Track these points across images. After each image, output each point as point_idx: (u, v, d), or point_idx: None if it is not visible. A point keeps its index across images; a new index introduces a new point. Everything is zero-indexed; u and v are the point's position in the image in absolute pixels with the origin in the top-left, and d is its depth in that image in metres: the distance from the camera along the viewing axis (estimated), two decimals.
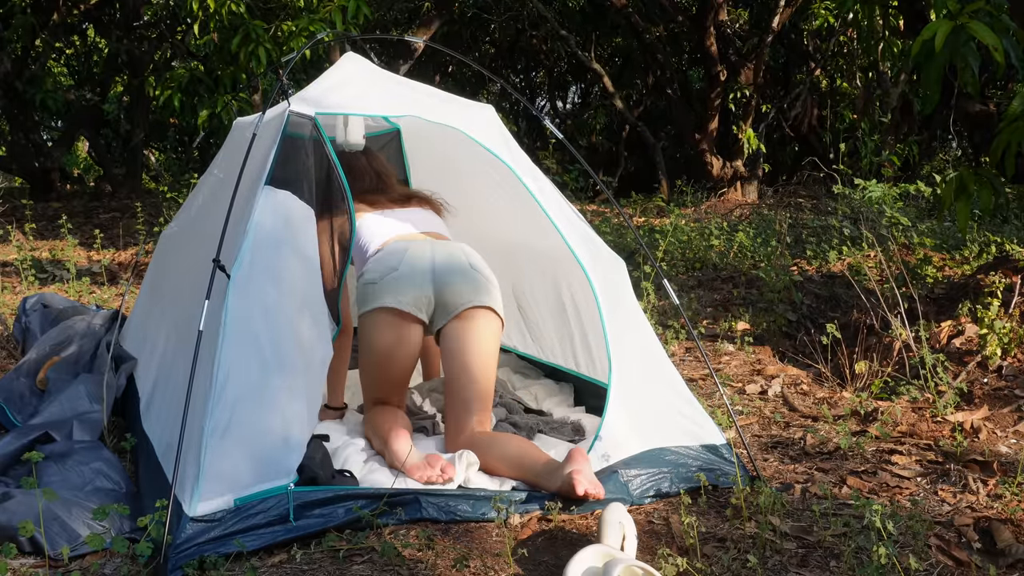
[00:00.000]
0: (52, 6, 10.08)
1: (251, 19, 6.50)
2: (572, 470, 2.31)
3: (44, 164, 10.45)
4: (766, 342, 4.48)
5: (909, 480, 2.62)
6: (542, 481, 2.39)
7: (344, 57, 2.86)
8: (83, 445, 2.62)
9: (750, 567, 2.06)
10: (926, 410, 3.22)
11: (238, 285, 2.26)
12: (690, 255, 6.53)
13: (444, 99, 2.78)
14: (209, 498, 2.11)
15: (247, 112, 7.51)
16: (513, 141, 2.77)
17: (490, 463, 2.50)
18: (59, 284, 5.90)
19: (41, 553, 2.14)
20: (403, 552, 2.12)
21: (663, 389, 2.62)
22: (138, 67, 10.64)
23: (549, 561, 2.13)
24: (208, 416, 2.15)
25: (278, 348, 2.28)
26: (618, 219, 8.21)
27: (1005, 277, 3.89)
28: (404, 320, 2.68)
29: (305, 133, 2.52)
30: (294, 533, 2.17)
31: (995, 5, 3.46)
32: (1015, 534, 2.23)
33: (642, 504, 2.47)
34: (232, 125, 3.15)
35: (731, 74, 10.84)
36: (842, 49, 11.34)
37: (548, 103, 16.44)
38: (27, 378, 3.29)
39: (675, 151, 15.43)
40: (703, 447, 2.57)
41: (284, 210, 2.41)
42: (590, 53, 13.00)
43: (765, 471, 2.72)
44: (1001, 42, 3.26)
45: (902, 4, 5.24)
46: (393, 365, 2.71)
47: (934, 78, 3.43)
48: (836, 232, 6.85)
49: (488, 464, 2.50)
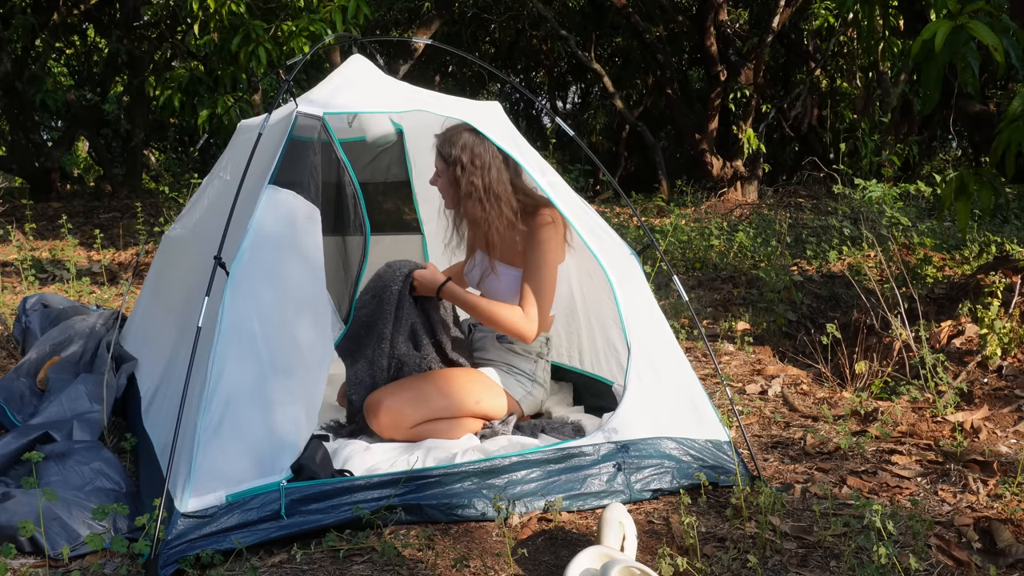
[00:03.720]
0: (52, 6, 10.09)
1: (251, 19, 6.51)
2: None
3: (44, 164, 10.46)
4: (766, 342, 4.48)
5: (909, 480, 2.63)
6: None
7: (350, 59, 2.87)
8: (83, 445, 2.62)
9: (750, 567, 2.06)
10: (926, 410, 3.22)
11: (236, 283, 2.27)
12: (690, 255, 6.53)
13: (450, 99, 2.79)
14: (200, 494, 2.11)
15: (248, 113, 7.52)
16: (521, 136, 2.77)
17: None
18: (59, 284, 5.91)
19: (41, 553, 2.14)
20: (403, 552, 2.12)
21: (675, 379, 2.63)
22: (138, 67, 10.65)
23: (549, 561, 2.14)
24: (201, 412, 2.15)
25: (275, 347, 2.28)
26: (618, 219, 8.21)
27: (1005, 277, 3.89)
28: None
29: (313, 135, 2.53)
30: (288, 530, 2.17)
31: (995, 5, 3.46)
32: (1015, 534, 2.24)
33: (642, 500, 2.47)
34: (236, 127, 3.16)
35: (731, 74, 10.85)
36: (842, 49, 11.34)
37: (548, 103, 16.44)
38: (27, 378, 3.29)
39: (675, 151, 15.44)
40: (708, 441, 2.57)
41: (287, 209, 2.41)
42: (590, 53, 13.01)
43: (765, 471, 2.72)
44: (1001, 42, 3.26)
45: (902, 4, 5.24)
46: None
47: (934, 78, 3.43)
48: (836, 232, 6.85)
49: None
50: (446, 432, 2.72)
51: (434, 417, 2.73)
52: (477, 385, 2.80)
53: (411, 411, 2.69)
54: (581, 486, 2.42)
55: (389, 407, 2.69)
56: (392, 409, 2.68)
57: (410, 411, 2.69)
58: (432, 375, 2.82)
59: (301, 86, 3.84)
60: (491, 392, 2.82)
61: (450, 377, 2.81)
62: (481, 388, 2.80)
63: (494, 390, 2.83)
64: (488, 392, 2.81)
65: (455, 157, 2.74)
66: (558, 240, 2.81)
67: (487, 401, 2.80)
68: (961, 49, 3.32)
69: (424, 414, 2.71)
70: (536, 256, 2.77)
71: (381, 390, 2.76)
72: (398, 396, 2.71)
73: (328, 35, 6.16)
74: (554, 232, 2.79)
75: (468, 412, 2.77)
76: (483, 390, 2.80)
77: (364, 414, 2.75)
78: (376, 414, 2.69)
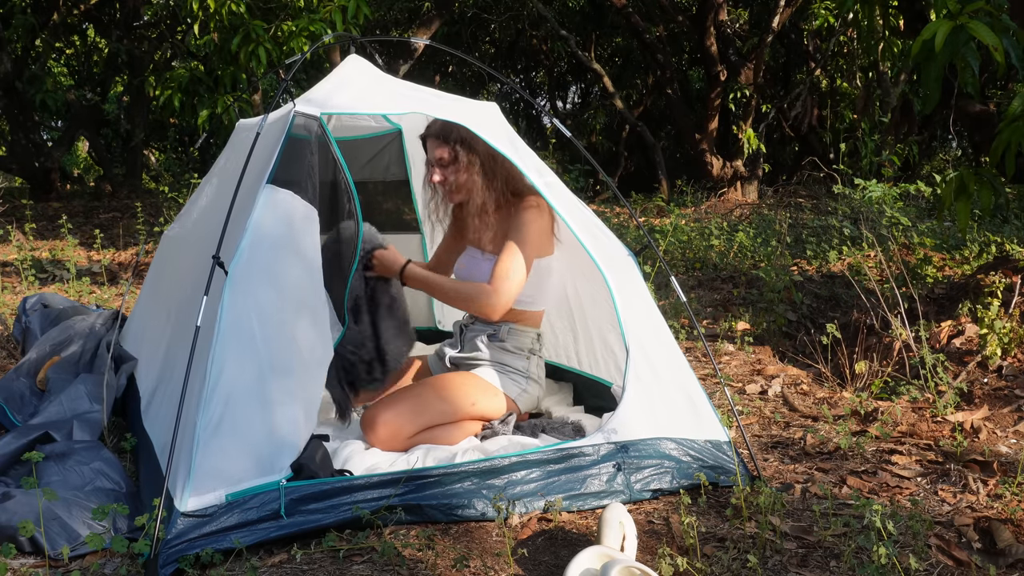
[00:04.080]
0: (52, 6, 10.09)
1: (251, 19, 6.51)
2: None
3: (44, 164, 10.46)
4: (766, 342, 4.48)
5: (909, 480, 2.62)
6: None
7: (347, 59, 2.87)
8: (83, 445, 2.62)
9: (750, 567, 2.06)
10: (926, 410, 3.22)
11: (235, 282, 2.27)
12: (690, 255, 6.53)
13: (448, 99, 2.78)
14: (200, 493, 2.11)
15: (248, 112, 7.52)
16: (519, 138, 2.77)
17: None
18: (59, 284, 5.91)
19: (41, 553, 2.14)
20: (403, 552, 2.12)
21: (674, 379, 2.63)
22: (138, 67, 10.65)
23: (549, 561, 2.14)
24: (201, 412, 2.15)
25: (274, 346, 2.28)
26: (618, 219, 8.20)
27: (1005, 277, 3.89)
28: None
29: (310, 135, 2.53)
30: (288, 529, 2.17)
31: (995, 5, 3.46)
32: (1015, 534, 2.23)
33: (642, 500, 2.47)
34: (235, 127, 3.16)
35: (731, 74, 10.85)
36: (842, 49, 11.34)
37: (548, 103, 16.44)
38: (27, 378, 3.29)
39: (675, 151, 15.44)
40: (708, 441, 2.57)
41: (285, 209, 2.41)
42: (590, 53, 13.01)
43: (765, 471, 2.72)
44: (1001, 42, 3.26)
45: (902, 4, 5.24)
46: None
47: (934, 78, 3.43)
48: (836, 232, 6.85)
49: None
50: (445, 438, 2.72)
51: (431, 424, 2.72)
52: (471, 387, 2.80)
53: (407, 423, 2.68)
54: (581, 486, 2.42)
55: (386, 421, 2.67)
56: (389, 423, 2.67)
57: (406, 422, 2.68)
58: (424, 383, 2.82)
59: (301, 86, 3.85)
60: (486, 393, 2.82)
61: (443, 382, 2.80)
62: (476, 390, 2.80)
63: (489, 391, 2.83)
64: (483, 393, 2.81)
65: (457, 135, 2.76)
66: (541, 224, 2.81)
67: (483, 402, 2.80)
68: (961, 49, 3.33)
69: (421, 423, 2.70)
70: (515, 235, 2.77)
71: (376, 405, 2.75)
72: (393, 409, 2.70)
73: (328, 35, 6.16)
74: (537, 215, 2.79)
75: (465, 415, 2.77)
76: (478, 391, 2.80)
77: (361, 429, 2.75)
78: (373, 429, 2.68)
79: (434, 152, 2.83)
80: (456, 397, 2.75)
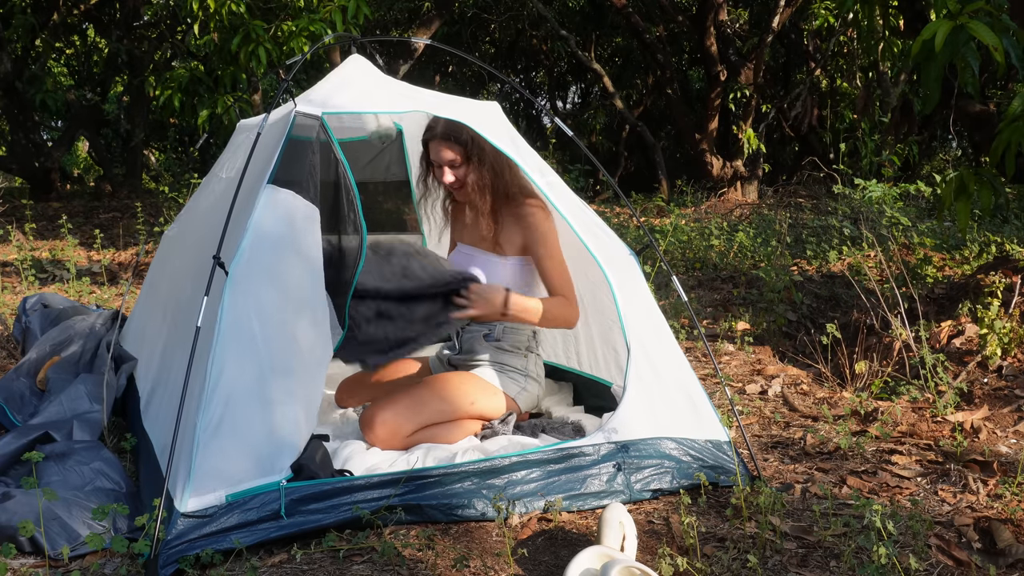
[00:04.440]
0: (52, 6, 10.09)
1: (251, 19, 6.51)
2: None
3: (44, 164, 10.46)
4: (766, 342, 4.48)
5: (909, 480, 2.63)
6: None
7: (348, 59, 2.87)
8: (83, 445, 2.62)
9: (750, 567, 2.06)
10: (926, 410, 3.22)
11: (235, 282, 2.27)
12: (690, 255, 6.53)
13: (449, 99, 2.78)
14: (200, 493, 2.11)
15: (248, 112, 7.52)
16: (520, 137, 2.77)
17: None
18: (59, 284, 5.91)
19: (41, 553, 2.14)
20: (403, 552, 2.12)
21: (675, 379, 2.63)
22: (138, 67, 10.66)
23: (549, 561, 2.14)
24: (201, 412, 2.15)
25: (275, 346, 2.28)
26: (618, 219, 8.21)
27: (1005, 277, 3.89)
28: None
29: (311, 135, 2.52)
30: (288, 530, 2.17)
31: (995, 5, 3.46)
32: (1015, 534, 2.23)
33: (643, 500, 2.47)
34: (235, 127, 3.15)
35: (731, 74, 10.85)
36: (842, 49, 11.34)
37: (548, 103, 16.44)
38: (27, 378, 3.29)
39: (675, 151, 15.45)
40: (708, 441, 2.57)
41: (286, 209, 2.41)
42: (590, 53, 13.01)
43: (765, 471, 2.72)
44: (1001, 42, 3.26)
45: (902, 4, 5.24)
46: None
47: (934, 78, 3.43)
48: (836, 232, 6.86)
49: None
50: (444, 437, 2.72)
51: (430, 423, 2.72)
52: (470, 386, 2.80)
53: (406, 421, 2.69)
54: (581, 486, 2.42)
55: (384, 420, 2.67)
56: (388, 422, 2.67)
57: (405, 421, 2.69)
58: (423, 382, 2.82)
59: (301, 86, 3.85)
60: (485, 392, 2.82)
61: (442, 381, 2.80)
62: (475, 389, 2.80)
63: (488, 390, 2.83)
64: (482, 392, 2.81)
65: (467, 135, 2.76)
66: (552, 224, 2.85)
67: (482, 401, 2.80)
68: (961, 49, 3.33)
69: (420, 422, 2.70)
70: (543, 244, 2.82)
71: (375, 404, 2.75)
72: (392, 408, 2.70)
73: (328, 35, 6.16)
74: (546, 217, 2.84)
75: (464, 414, 2.77)
76: (477, 391, 2.80)
77: (360, 429, 2.75)
78: (372, 428, 2.68)
79: (442, 154, 2.81)
80: (455, 396, 2.75)
